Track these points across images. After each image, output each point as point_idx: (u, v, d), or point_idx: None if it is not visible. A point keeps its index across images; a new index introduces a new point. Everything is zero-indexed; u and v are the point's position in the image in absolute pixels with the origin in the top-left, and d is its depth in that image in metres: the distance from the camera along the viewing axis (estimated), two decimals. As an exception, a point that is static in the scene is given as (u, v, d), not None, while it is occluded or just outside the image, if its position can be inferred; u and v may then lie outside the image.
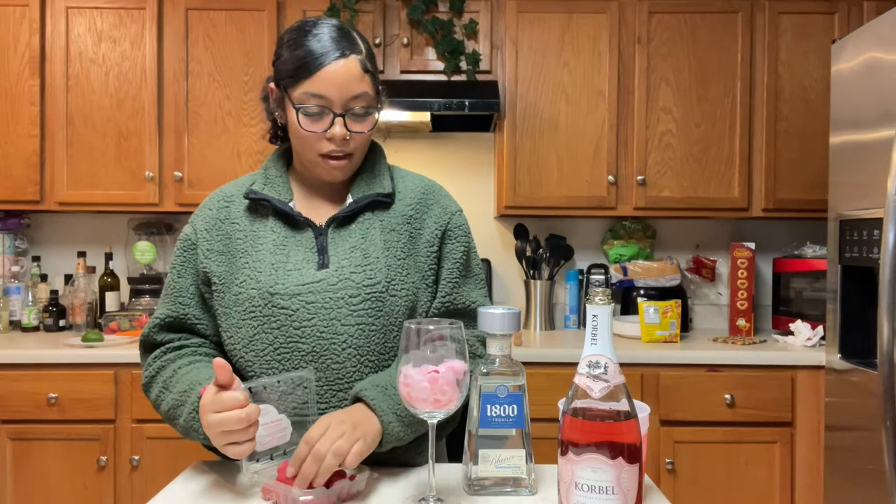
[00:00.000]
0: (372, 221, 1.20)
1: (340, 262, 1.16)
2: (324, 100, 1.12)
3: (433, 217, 1.25)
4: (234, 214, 1.22)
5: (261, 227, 1.20)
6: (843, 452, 2.04)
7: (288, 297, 1.13)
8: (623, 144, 2.71)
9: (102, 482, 2.34)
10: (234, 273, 1.18)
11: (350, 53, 1.13)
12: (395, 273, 1.17)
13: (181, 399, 1.09)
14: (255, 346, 1.14)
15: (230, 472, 1.14)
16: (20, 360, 2.34)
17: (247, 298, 1.15)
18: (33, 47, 2.64)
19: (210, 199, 1.27)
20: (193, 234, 1.23)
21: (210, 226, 1.22)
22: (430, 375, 0.90)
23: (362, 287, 1.14)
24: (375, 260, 1.16)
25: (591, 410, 0.83)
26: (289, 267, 1.15)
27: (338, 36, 1.14)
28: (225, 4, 2.67)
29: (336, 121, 1.13)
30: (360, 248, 1.17)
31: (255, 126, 2.69)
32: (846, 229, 2.02)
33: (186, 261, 1.22)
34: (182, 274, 1.22)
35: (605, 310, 0.83)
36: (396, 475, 1.10)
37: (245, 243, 1.19)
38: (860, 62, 1.98)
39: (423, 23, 2.66)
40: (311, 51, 1.12)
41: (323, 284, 1.14)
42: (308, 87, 1.12)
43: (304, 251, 1.17)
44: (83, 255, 2.84)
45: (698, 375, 2.37)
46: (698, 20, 2.69)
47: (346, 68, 1.12)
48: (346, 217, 1.20)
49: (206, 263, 1.19)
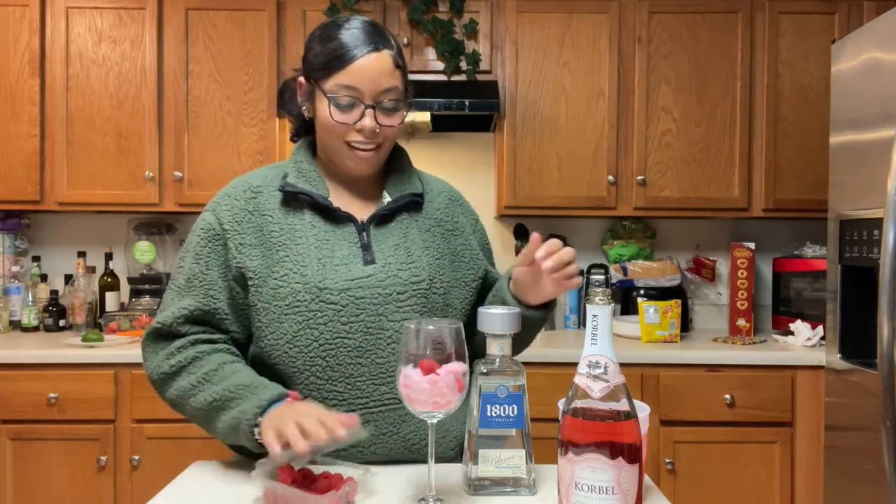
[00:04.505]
0: (409, 221, 1.24)
1: (387, 259, 1.18)
2: (355, 91, 1.14)
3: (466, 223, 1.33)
4: (266, 206, 1.19)
5: (297, 220, 1.19)
6: (843, 452, 2.04)
7: (337, 293, 1.14)
8: (623, 144, 2.71)
9: (102, 482, 2.34)
10: (271, 267, 1.16)
11: (383, 48, 1.16)
12: (435, 271, 1.21)
13: (239, 393, 1.07)
14: (300, 342, 1.14)
15: (230, 472, 1.14)
16: (20, 360, 2.34)
17: (290, 293, 1.14)
18: (33, 47, 2.64)
19: (233, 189, 1.23)
20: (218, 224, 1.19)
21: (239, 218, 1.18)
22: (429, 377, 0.90)
23: (409, 284, 1.17)
24: (418, 258, 1.20)
25: (591, 410, 0.83)
26: (335, 262, 1.15)
27: (370, 30, 1.16)
28: (225, 4, 2.67)
29: (367, 112, 1.15)
30: (403, 246, 1.20)
31: (255, 126, 2.68)
32: (846, 229, 2.02)
33: (214, 252, 1.18)
34: (210, 266, 1.17)
35: (605, 310, 0.83)
36: (396, 475, 1.10)
37: (282, 236, 1.17)
38: (860, 62, 1.98)
39: (423, 23, 2.66)
40: (343, 44, 1.14)
41: (371, 280, 1.15)
42: (340, 78, 1.14)
43: (347, 246, 1.18)
44: (83, 255, 2.84)
45: (698, 375, 2.37)
46: (698, 20, 2.69)
47: (379, 62, 1.15)
48: (385, 215, 1.22)
49: (240, 259, 1.16)
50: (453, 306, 1.24)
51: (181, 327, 1.16)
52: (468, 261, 1.28)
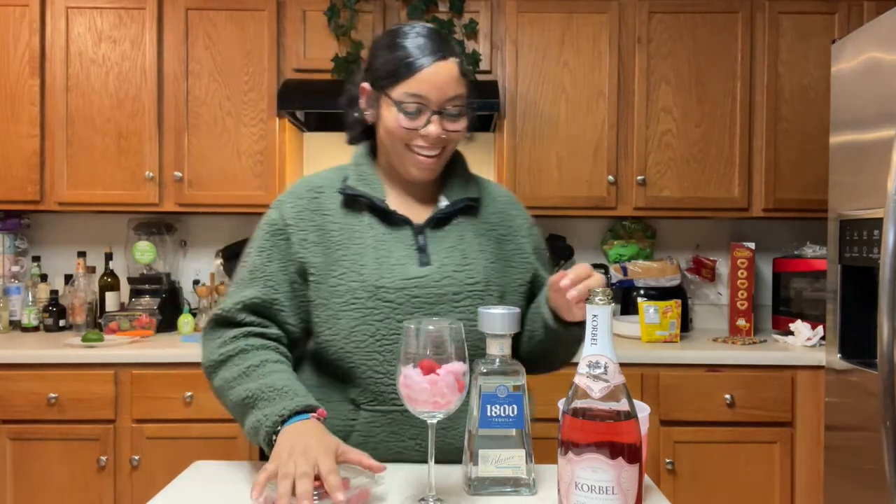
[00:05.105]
0: (465, 225, 1.27)
1: (442, 261, 1.21)
2: (422, 99, 1.17)
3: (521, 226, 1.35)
4: (327, 206, 1.25)
5: (355, 221, 1.23)
6: (843, 452, 2.04)
7: (393, 291, 1.17)
8: (623, 144, 2.71)
9: (102, 482, 2.34)
10: (330, 265, 1.20)
11: (449, 56, 1.18)
12: (490, 274, 1.24)
13: (269, 395, 1.09)
14: (356, 337, 1.17)
15: (230, 472, 1.14)
16: (20, 360, 2.34)
17: (347, 291, 1.18)
18: (33, 47, 2.64)
19: (297, 188, 1.29)
20: (282, 220, 1.24)
21: (302, 215, 1.24)
22: (429, 377, 0.90)
23: (464, 285, 1.20)
24: (474, 261, 1.23)
25: (591, 410, 0.83)
26: (392, 262, 1.19)
27: (436, 38, 1.19)
28: (225, 4, 2.67)
29: (432, 119, 1.18)
30: (459, 249, 1.23)
31: (255, 126, 2.68)
32: (846, 229, 2.02)
33: (276, 246, 1.23)
34: (272, 259, 1.23)
35: (605, 310, 0.83)
36: (396, 475, 1.10)
37: (341, 236, 1.22)
38: (860, 62, 1.98)
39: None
40: (410, 52, 1.17)
41: (427, 280, 1.19)
42: (408, 87, 1.16)
43: (404, 248, 1.21)
44: (83, 255, 2.84)
45: (698, 375, 2.37)
46: (698, 20, 2.69)
47: (446, 70, 1.17)
48: (441, 218, 1.25)
49: (302, 254, 1.22)
50: None
51: (239, 315, 1.21)
52: (518, 265, 1.30)
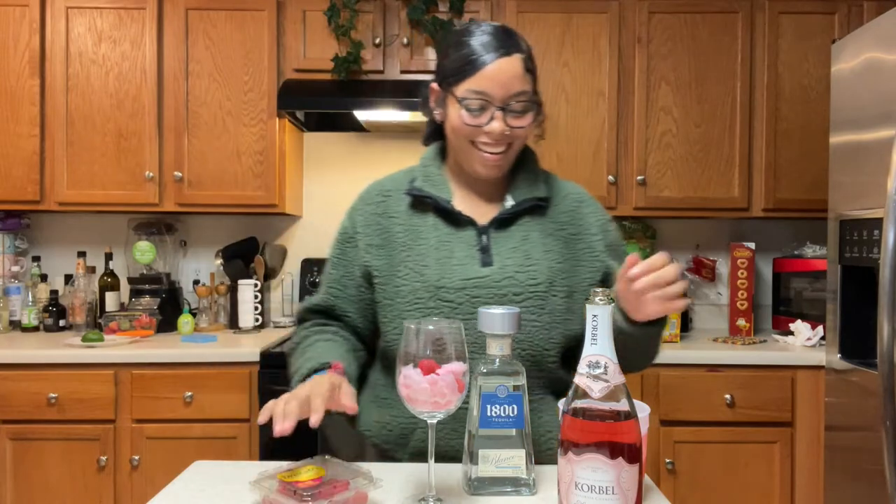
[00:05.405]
0: (531, 225, 1.25)
1: (504, 262, 1.21)
2: (486, 96, 1.16)
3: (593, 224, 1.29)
4: (393, 209, 1.28)
5: (421, 222, 1.25)
6: (843, 452, 2.04)
7: (454, 291, 1.18)
8: (623, 144, 2.71)
9: (102, 482, 2.34)
10: (394, 266, 1.23)
11: (513, 52, 1.17)
12: (555, 275, 1.22)
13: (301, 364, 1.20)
14: None
15: (230, 472, 1.14)
16: (20, 360, 2.34)
17: (410, 291, 1.20)
18: (33, 47, 2.64)
19: (367, 193, 1.33)
20: (352, 228, 1.30)
21: (369, 221, 1.28)
22: (429, 377, 0.90)
23: (526, 286, 1.19)
24: (537, 262, 1.21)
25: (591, 410, 0.83)
26: (454, 262, 1.20)
27: (501, 35, 1.19)
28: (225, 4, 2.67)
29: (496, 115, 1.17)
30: (522, 249, 1.22)
31: (255, 126, 2.68)
32: (846, 229, 2.02)
33: (343, 254, 1.30)
34: (336, 266, 1.30)
35: (605, 310, 0.83)
36: (396, 475, 1.10)
37: (405, 237, 1.24)
38: (860, 62, 1.98)
39: (423, 23, 2.66)
40: (474, 50, 1.17)
41: (487, 281, 1.19)
42: (471, 84, 1.16)
43: (466, 248, 1.22)
44: (83, 255, 2.84)
45: (698, 375, 2.37)
46: (698, 20, 2.69)
47: (510, 66, 1.16)
48: (506, 218, 1.25)
49: (367, 258, 1.26)
50: (574, 311, 1.23)
51: (307, 315, 1.34)
52: (588, 264, 1.27)
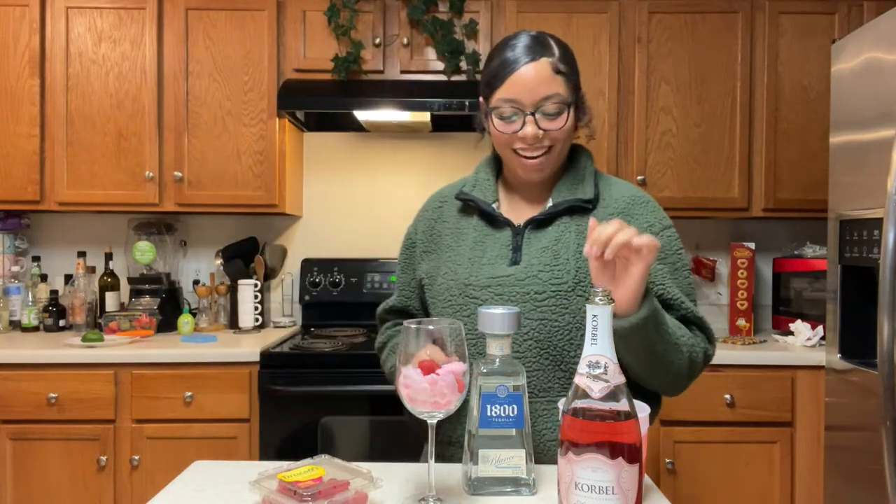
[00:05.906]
0: (568, 225, 1.25)
1: (531, 261, 1.23)
2: (516, 102, 1.20)
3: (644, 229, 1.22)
4: (446, 214, 1.36)
5: (465, 224, 1.31)
6: (843, 452, 2.04)
7: (479, 289, 1.23)
8: (623, 144, 2.71)
9: (102, 482, 2.34)
10: (439, 267, 1.30)
11: (541, 57, 1.20)
12: (586, 275, 1.19)
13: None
14: None
15: (230, 472, 1.14)
16: (20, 360, 2.34)
17: (446, 289, 1.27)
18: (33, 47, 2.64)
19: (430, 199, 1.42)
20: (415, 234, 1.39)
21: (426, 227, 1.37)
22: (430, 377, 0.90)
23: (549, 284, 1.20)
24: (565, 261, 1.21)
25: (591, 410, 0.83)
26: (483, 261, 1.25)
27: (531, 43, 1.21)
28: (225, 4, 2.67)
29: (527, 120, 1.20)
30: (552, 249, 1.23)
31: (255, 126, 2.68)
32: (846, 229, 2.02)
33: (407, 258, 1.39)
34: (404, 270, 1.40)
35: (605, 310, 0.83)
36: (396, 475, 1.10)
37: (450, 239, 1.32)
38: (860, 62, 1.98)
39: (423, 23, 2.66)
40: (505, 59, 1.21)
41: (511, 279, 1.22)
42: (502, 92, 1.21)
43: (499, 248, 1.26)
44: (83, 255, 2.84)
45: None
46: (698, 20, 2.69)
47: (536, 70, 1.19)
48: (543, 219, 1.26)
49: (420, 263, 1.35)
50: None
51: (387, 315, 1.43)
52: None
